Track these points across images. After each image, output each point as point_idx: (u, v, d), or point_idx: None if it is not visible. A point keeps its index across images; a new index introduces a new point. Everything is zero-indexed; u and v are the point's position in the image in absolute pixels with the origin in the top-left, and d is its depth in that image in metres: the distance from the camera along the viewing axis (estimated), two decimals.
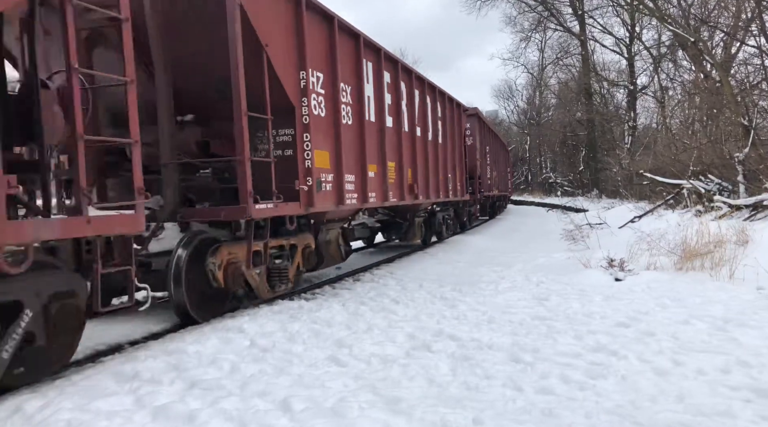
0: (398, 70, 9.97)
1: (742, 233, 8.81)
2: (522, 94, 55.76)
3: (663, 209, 14.86)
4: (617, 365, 4.28)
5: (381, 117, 9.14)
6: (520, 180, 50.75)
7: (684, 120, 23.79)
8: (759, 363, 4.21)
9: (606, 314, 5.94)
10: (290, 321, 5.69)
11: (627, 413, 3.42)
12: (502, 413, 3.45)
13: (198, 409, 3.49)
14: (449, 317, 6.02)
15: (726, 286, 7.13)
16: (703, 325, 5.37)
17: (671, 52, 29.54)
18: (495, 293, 7.46)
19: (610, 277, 8.09)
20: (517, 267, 9.75)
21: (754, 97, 16.13)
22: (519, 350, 4.69)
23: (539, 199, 38.89)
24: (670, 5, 22.05)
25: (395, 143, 9.83)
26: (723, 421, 3.29)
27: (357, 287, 8.04)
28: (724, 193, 13.27)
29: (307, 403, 3.59)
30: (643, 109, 35.04)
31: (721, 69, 17.04)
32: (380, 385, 3.96)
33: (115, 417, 3.38)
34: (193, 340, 4.94)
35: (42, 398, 3.66)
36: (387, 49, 9.31)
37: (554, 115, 48.01)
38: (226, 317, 6.02)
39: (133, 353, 4.71)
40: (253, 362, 4.47)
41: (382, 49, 9.13)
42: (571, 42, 39.48)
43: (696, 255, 8.40)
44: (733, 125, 15.83)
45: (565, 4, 37.45)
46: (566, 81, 42.93)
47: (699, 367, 4.18)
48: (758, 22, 15.62)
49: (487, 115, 51.64)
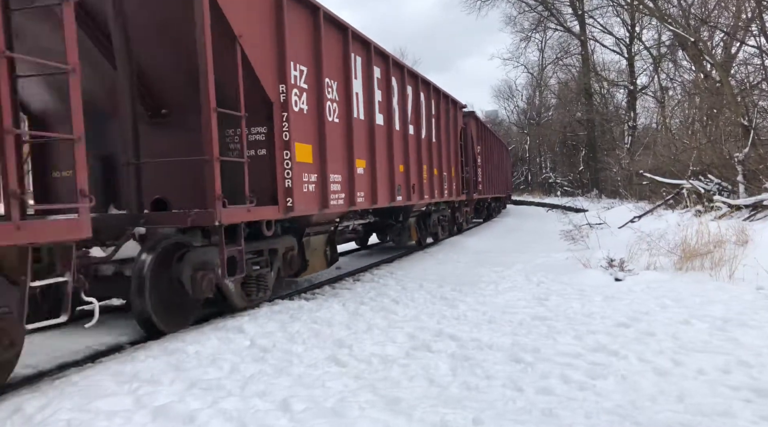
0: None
1: (742, 233, 8.82)
2: (522, 94, 55.82)
3: (663, 209, 14.86)
4: (617, 365, 4.28)
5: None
6: (520, 180, 50.74)
7: (684, 120, 23.80)
8: (759, 363, 4.21)
9: (606, 314, 5.94)
10: (290, 321, 5.69)
11: (627, 413, 3.42)
12: (502, 413, 3.45)
13: (198, 409, 3.49)
14: (449, 317, 6.02)
15: (726, 286, 7.13)
16: (703, 325, 5.37)
17: (671, 52, 29.56)
18: (495, 293, 7.46)
19: (610, 277, 8.10)
20: (518, 267, 9.74)
21: (754, 97, 16.14)
22: (519, 350, 4.69)
23: (539, 200, 38.85)
24: (670, 5, 22.08)
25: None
26: (723, 421, 3.29)
27: (357, 287, 8.04)
28: (724, 193, 13.26)
29: (307, 403, 3.59)
30: (643, 109, 35.10)
31: (721, 69, 17.03)
32: (380, 385, 3.96)
33: (114, 417, 3.38)
34: (193, 340, 4.94)
35: (42, 398, 3.66)
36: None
37: (554, 115, 48.01)
38: (226, 317, 6.02)
39: (133, 353, 4.71)
40: (253, 362, 4.47)
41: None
42: (571, 42, 39.56)
43: (696, 255, 8.40)
44: (733, 125, 15.84)
45: (565, 4, 37.51)
46: (566, 81, 42.96)
47: (699, 367, 4.18)
48: (758, 22, 15.62)
49: (487, 115, 51.99)
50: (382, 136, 9.21)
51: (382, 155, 9.19)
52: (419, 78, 11.33)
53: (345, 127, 7.86)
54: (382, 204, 9.20)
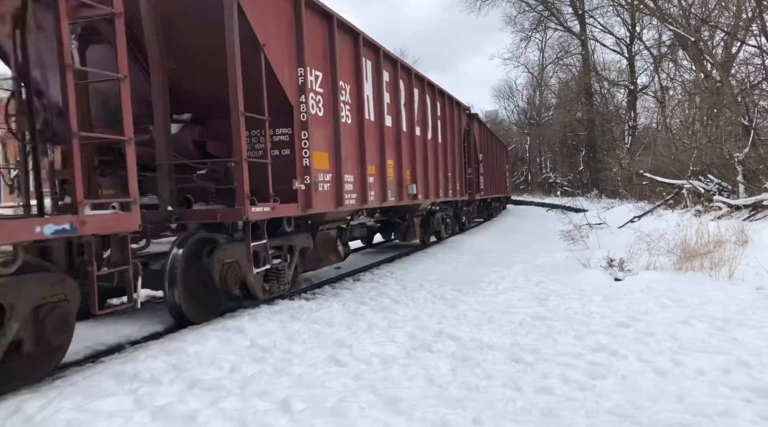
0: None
1: (742, 233, 8.82)
2: (522, 94, 55.79)
3: (662, 209, 14.86)
4: (617, 365, 4.28)
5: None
6: (520, 180, 50.73)
7: (684, 120, 23.81)
8: (759, 363, 4.21)
9: (606, 314, 5.95)
10: (290, 321, 5.69)
11: (627, 413, 3.42)
12: (502, 413, 3.45)
13: (198, 409, 3.49)
14: (449, 317, 6.02)
15: (725, 286, 7.13)
16: (702, 325, 5.37)
17: (672, 52, 29.58)
18: (495, 293, 7.46)
19: (609, 277, 8.10)
20: (517, 267, 9.75)
21: (755, 97, 16.14)
22: (519, 350, 4.69)
23: (539, 200, 38.82)
24: (671, 5, 22.09)
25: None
26: (723, 421, 3.29)
27: (357, 287, 8.04)
28: (724, 193, 13.26)
29: (307, 403, 3.59)
30: (643, 109, 35.11)
31: (722, 69, 17.03)
32: (380, 385, 3.96)
33: (115, 417, 3.39)
34: (193, 340, 4.94)
35: (42, 398, 3.66)
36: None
37: (554, 115, 48.05)
38: (226, 316, 6.02)
39: (133, 353, 4.72)
40: (253, 362, 4.47)
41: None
42: (572, 42, 39.54)
43: (695, 255, 8.40)
44: (733, 125, 15.85)
45: (566, 4, 37.52)
46: (566, 81, 42.97)
47: (699, 367, 4.18)
48: (759, 21, 15.61)
49: (487, 115, 51.95)
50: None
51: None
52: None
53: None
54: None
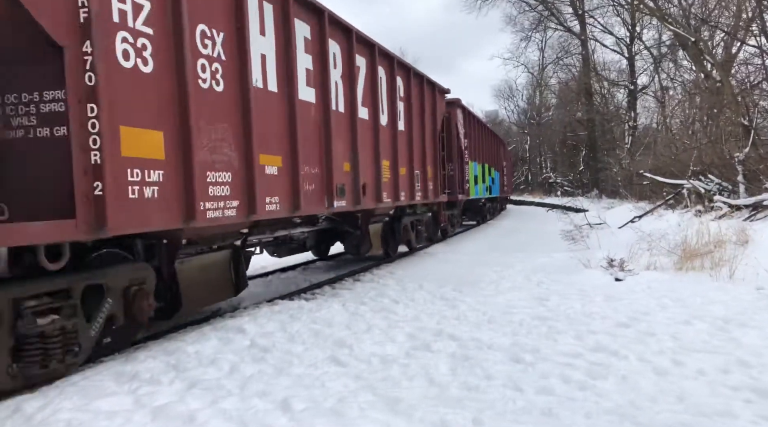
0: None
1: (742, 233, 8.82)
2: (522, 94, 55.93)
3: (663, 209, 14.86)
4: (617, 365, 4.28)
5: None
6: (520, 180, 50.74)
7: (684, 120, 23.78)
8: (759, 363, 4.21)
9: (606, 314, 5.94)
10: (290, 321, 5.69)
11: (627, 413, 3.42)
12: (502, 414, 3.45)
13: (198, 409, 3.49)
14: (449, 317, 6.01)
15: (726, 286, 7.12)
16: (703, 325, 5.37)
17: (672, 52, 29.57)
18: (495, 293, 7.45)
19: (610, 277, 8.09)
20: (518, 267, 9.74)
21: (755, 97, 16.15)
22: (519, 350, 4.68)
23: (539, 200, 38.83)
24: (671, 5, 22.08)
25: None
26: (723, 421, 3.29)
27: (357, 287, 8.04)
28: (724, 193, 13.26)
29: (307, 403, 3.59)
30: (643, 109, 35.09)
31: (722, 69, 17.05)
32: (380, 385, 3.96)
33: (115, 417, 3.38)
34: (192, 340, 4.95)
35: (42, 398, 3.66)
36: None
37: (554, 115, 48.02)
38: (226, 316, 6.02)
39: (133, 353, 4.72)
40: (253, 362, 4.47)
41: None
42: (572, 41, 39.60)
43: (696, 255, 8.40)
44: (733, 125, 15.84)
45: (566, 4, 37.55)
46: (566, 81, 43.02)
47: (699, 367, 4.17)
48: (759, 21, 15.63)
49: (488, 115, 52.01)
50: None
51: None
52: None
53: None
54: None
